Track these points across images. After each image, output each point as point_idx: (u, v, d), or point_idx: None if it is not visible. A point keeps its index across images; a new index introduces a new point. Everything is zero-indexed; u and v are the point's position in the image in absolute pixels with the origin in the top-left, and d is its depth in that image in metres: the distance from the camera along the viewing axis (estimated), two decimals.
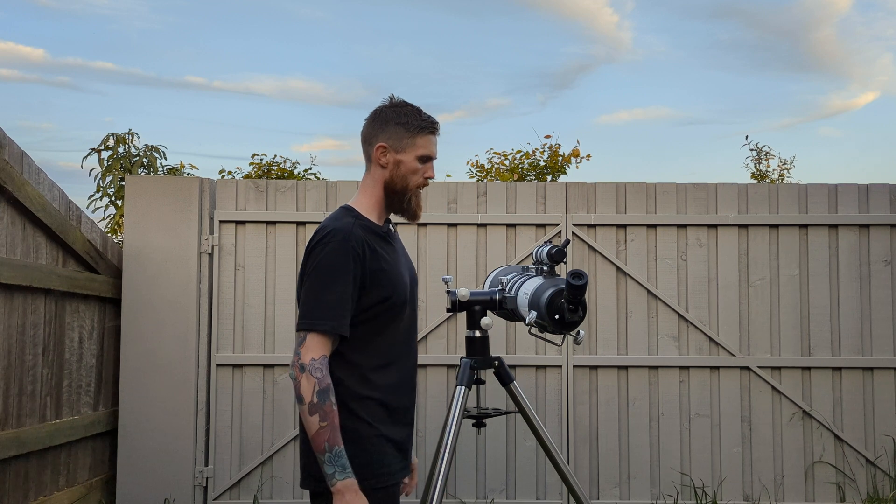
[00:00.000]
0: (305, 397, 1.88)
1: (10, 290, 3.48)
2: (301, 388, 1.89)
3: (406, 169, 2.12)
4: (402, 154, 2.11)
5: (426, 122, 2.14)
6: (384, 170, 2.12)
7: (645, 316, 4.63)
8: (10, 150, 3.49)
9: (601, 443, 4.59)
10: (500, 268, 3.33)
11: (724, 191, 4.69)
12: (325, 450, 1.88)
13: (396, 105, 2.15)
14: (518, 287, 2.91)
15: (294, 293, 4.57)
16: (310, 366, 1.89)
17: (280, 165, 8.90)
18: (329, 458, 1.88)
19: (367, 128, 2.16)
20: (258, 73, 19.52)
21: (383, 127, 2.12)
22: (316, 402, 1.88)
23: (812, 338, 4.63)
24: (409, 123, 2.11)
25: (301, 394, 1.89)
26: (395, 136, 2.11)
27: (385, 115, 2.13)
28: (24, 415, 3.62)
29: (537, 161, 9.05)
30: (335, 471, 1.88)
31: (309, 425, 1.89)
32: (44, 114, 20.30)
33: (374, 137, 2.13)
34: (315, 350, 1.91)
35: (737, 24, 18.17)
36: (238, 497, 4.51)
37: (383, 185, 2.13)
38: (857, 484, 4.57)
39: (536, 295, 2.66)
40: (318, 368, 1.90)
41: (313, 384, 1.88)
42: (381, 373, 2.04)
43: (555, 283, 2.66)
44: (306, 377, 1.89)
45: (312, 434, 1.88)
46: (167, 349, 4.46)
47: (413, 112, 2.13)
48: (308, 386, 1.88)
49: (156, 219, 4.52)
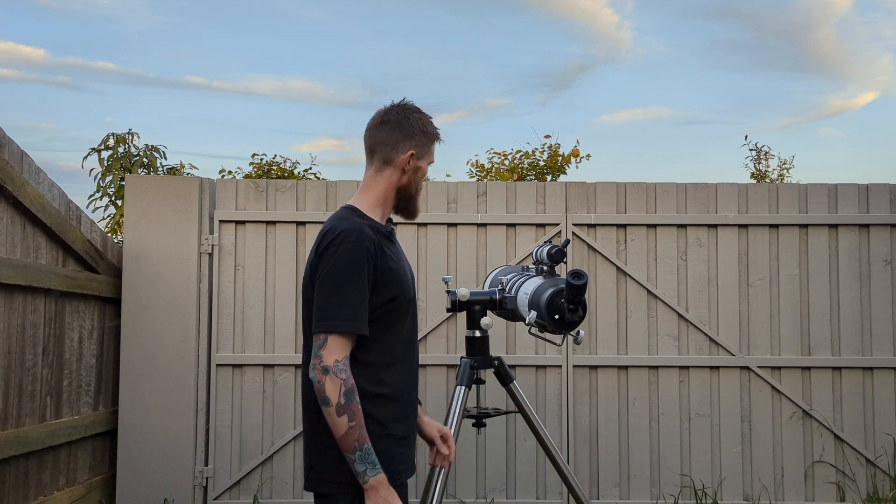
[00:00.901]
0: (332, 399, 1.89)
1: (10, 289, 3.48)
2: (326, 391, 1.90)
3: (421, 175, 2.20)
4: (422, 161, 2.19)
5: (437, 129, 2.23)
6: (403, 174, 2.16)
7: (645, 316, 4.63)
8: (10, 150, 3.49)
9: (601, 443, 4.59)
10: (500, 268, 3.33)
11: (724, 191, 4.69)
12: (356, 448, 1.91)
13: (416, 111, 2.20)
14: (518, 287, 2.91)
15: (294, 293, 4.57)
16: (334, 367, 1.91)
17: (280, 165, 8.90)
18: (360, 455, 1.91)
19: (391, 132, 2.16)
20: (258, 72, 19.52)
21: (412, 134, 2.16)
22: (343, 402, 1.90)
23: (812, 338, 4.63)
24: (429, 133, 2.20)
25: (327, 396, 1.90)
26: (421, 144, 2.17)
27: (411, 122, 2.17)
28: (24, 415, 3.62)
29: (537, 161, 9.04)
30: (366, 468, 1.91)
31: (337, 427, 1.90)
32: (44, 114, 20.31)
33: (401, 143, 2.16)
34: (337, 351, 1.93)
35: (736, 25, 18.17)
36: (238, 497, 4.51)
37: (397, 188, 2.17)
38: (856, 484, 4.57)
39: (536, 295, 2.67)
40: (342, 370, 1.92)
41: (339, 385, 1.90)
42: (390, 371, 2.06)
43: (555, 283, 2.67)
44: (331, 379, 1.90)
45: (342, 435, 1.90)
46: (167, 349, 4.46)
47: (430, 121, 2.22)
48: (334, 388, 1.89)
49: (156, 219, 4.52)
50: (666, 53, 18.19)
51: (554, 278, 2.78)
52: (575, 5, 17.52)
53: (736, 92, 18.52)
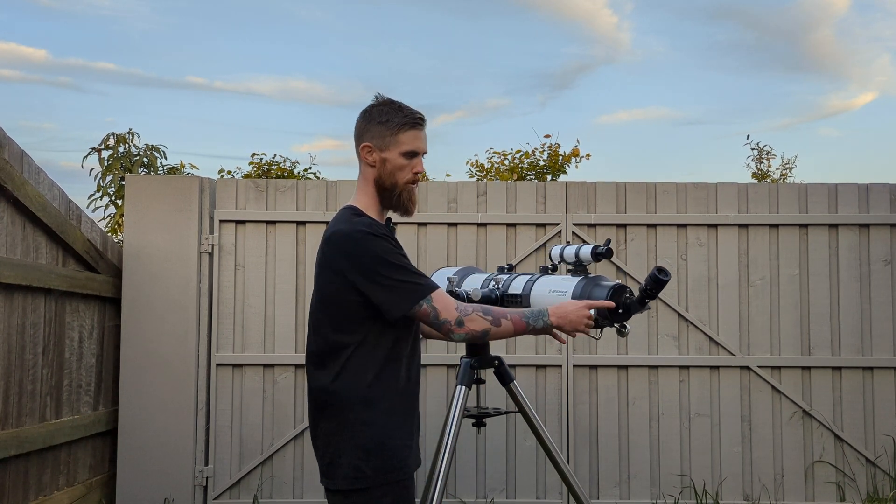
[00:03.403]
0: (484, 327, 2.10)
1: (10, 289, 3.48)
2: (476, 327, 2.08)
3: (392, 166, 2.15)
4: (387, 152, 2.15)
5: (408, 117, 2.16)
6: (372, 168, 2.17)
7: (645, 315, 4.63)
8: (10, 150, 3.49)
9: (601, 443, 4.59)
10: (456, 268, 3.19)
11: (724, 190, 4.69)
12: (526, 322, 2.16)
13: (380, 103, 2.19)
14: (530, 286, 2.79)
15: (294, 293, 4.57)
16: (461, 313, 2.06)
17: (280, 165, 8.89)
18: (529, 322, 2.17)
19: (356, 129, 2.21)
20: (259, 73, 19.54)
21: (367, 126, 2.17)
22: (491, 319, 2.10)
23: (812, 337, 4.63)
24: (390, 121, 2.15)
25: (479, 330, 2.09)
26: (377, 134, 2.15)
27: (369, 114, 2.18)
28: (24, 414, 3.62)
29: (537, 161, 9.04)
30: (541, 320, 2.19)
31: (505, 333, 2.13)
32: (45, 114, 20.32)
33: (359, 138, 2.19)
34: (448, 302, 2.06)
35: (735, 26, 18.19)
36: (238, 497, 4.51)
37: (374, 182, 2.17)
38: (857, 483, 4.57)
39: (585, 292, 2.61)
40: (463, 309, 2.07)
41: (476, 316, 2.08)
42: (395, 365, 2.09)
43: (596, 280, 2.62)
44: (469, 321, 2.07)
45: (511, 333, 2.14)
46: (167, 349, 4.46)
47: (394, 109, 2.16)
48: (477, 321, 2.08)
49: (156, 218, 4.52)
50: (665, 54, 18.20)
51: (587, 277, 2.72)
52: (574, 6, 17.53)
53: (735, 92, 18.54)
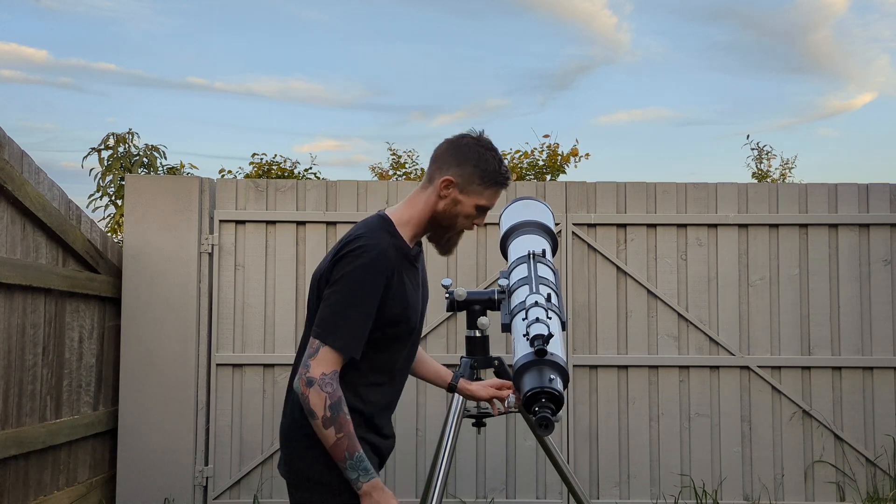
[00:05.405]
0: (317, 412, 1.87)
1: (10, 289, 3.48)
2: (311, 403, 1.87)
3: (461, 210, 2.07)
4: (464, 195, 2.06)
5: (503, 176, 2.09)
6: (441, 200, 2.06)
7: (645, 316, 4.63)
8: (10, 150, 3.49)
9: (601, 443, 4.59)
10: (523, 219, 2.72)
11: (724, 190, 4.69)
12: (346, 458, 1.89)
13: (483, 146, 2.08)
14: (513, 311, 2.32)
15: (294, 293, 4.57)
16: (319, 380, 1.87)
17: (280, 165, 8.89)
18: (351, 464, 1.89)
19: (445, 153, 2.08)
20: (259, 74, 19.55)
21: (461, 163, 2.05)
22: (329, 415, 1.87)
23: (812, 337, 4.62)
24: (487, 173, 2.06)
25: (312, 409, 1.87)
26: (468, 177, 2.05)
27: (468, 151, 2.07)
28: (24, 414, 3.62)
29: (536, 161, 9.04)
30: (358, 475, 1.90)
31: (325, 438, 1.88)
32: (46, 114, 20.32)
33: (446, 166, 2.06)
34: (326, 364, 1.89)
35: (734, 26, 18.20)
36: (238, 497, 4.51)
37: (432, 212, 2.08)
38: (857, 483, 4.57)
39: (521, 374, 2.06)
40: (328, 383, 1.88)
41: (324, 399, 1.87)
42: (373, 390, 2.03)
43: (541, 368, 2.03)
44: (315, 392, 1.87)
45: (330, 446, 1.88)
46: (167, 349, 4.46)
47: (495, 161, 2.08)
48: (319, 400, 1.87)
49: (156, 218, 4.52)
50: (664, 55, 18.20)
51: (540, 361, 2.02)
52: (574, 7, 17.53)
53: (734, 93, 18.55)
